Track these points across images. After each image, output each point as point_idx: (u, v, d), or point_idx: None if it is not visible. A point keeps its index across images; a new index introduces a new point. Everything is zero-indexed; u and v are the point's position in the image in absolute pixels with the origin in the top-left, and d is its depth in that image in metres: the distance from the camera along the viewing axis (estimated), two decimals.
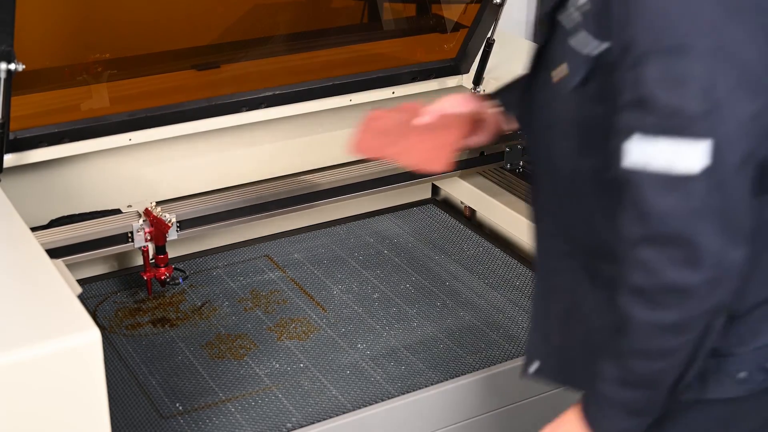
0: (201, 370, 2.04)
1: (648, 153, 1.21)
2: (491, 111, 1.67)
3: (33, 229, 1.78)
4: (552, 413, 2.07)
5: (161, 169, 2.36)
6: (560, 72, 1.33)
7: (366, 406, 1.89)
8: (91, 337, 1.35)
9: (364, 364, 2.06)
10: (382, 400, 1.90)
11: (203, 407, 1.94)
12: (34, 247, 1.56)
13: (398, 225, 2.59)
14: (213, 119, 2.31)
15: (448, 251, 2.48)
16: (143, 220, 2.18)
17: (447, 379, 1.97)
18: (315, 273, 2.38)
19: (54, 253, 2.03)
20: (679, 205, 1.20)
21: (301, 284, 2.33)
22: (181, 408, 1.93)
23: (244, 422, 1.89)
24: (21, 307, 1.41)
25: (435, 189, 2.74)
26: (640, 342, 1.27)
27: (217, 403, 1.95)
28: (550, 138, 1.40)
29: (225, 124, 2.33)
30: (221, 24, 2.47)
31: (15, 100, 1.96)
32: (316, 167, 2.51)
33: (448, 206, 2.70)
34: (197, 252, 2.45)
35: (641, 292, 1.25)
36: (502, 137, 2.64)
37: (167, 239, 2.20)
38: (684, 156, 1.19)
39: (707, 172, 1.19)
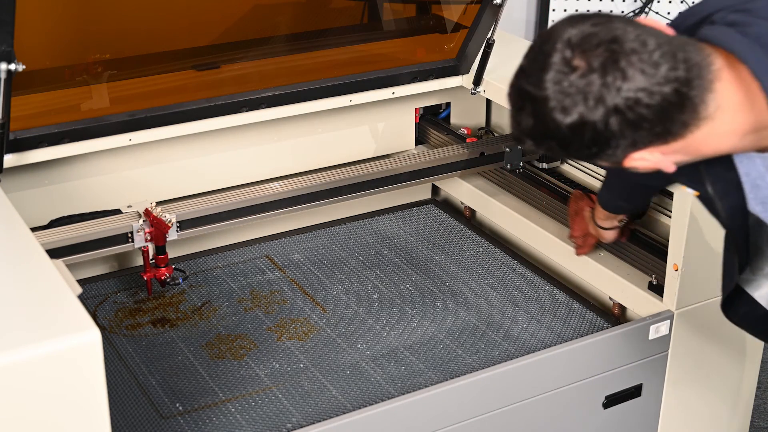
0: (201, 370, 2.04)
1: None
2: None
3: (33, 229, 1.78)
4: (551, 413, 2.07)
5: (161, 169, 2.37)
6: None
7: (366, 406, 1.89)
8: (91, 337, 1.35)
9: (364, 364, 2.06)
10: (382, 400, 1.90)
11: (203, 407, 1.94)
12: (34, 247, 1.56)
13: (398, 225, 2.59)
14: (213, 119, 2.31)
15: (448, 251, 2.48)
16: (143, 221, 2.18)
17: (447, 379, 1.97)
18: (315, 273, 2.38)
19: (54, 253, 2.03)
20: None
21: (301, 284, 2.33)
22: (181, 408, 1.93)
23: (244, 422, 1.89)
24: (21, 307, 1.41)
25: (435, 189, 2.74)
26: None
27: (217, 403, 1.95)
28: None
29: (225, 124, 2.33)
30: (221, 24, 2.47)
31: (15, 100, 1.95)
32: (316, 167, 2.52)
33: (448, 206, 2.70)
34: (197, 252, 2.45)
35: None
36: (502, 138, 2.65)
37: (167, 239, 2.20)
38: None
39: None
